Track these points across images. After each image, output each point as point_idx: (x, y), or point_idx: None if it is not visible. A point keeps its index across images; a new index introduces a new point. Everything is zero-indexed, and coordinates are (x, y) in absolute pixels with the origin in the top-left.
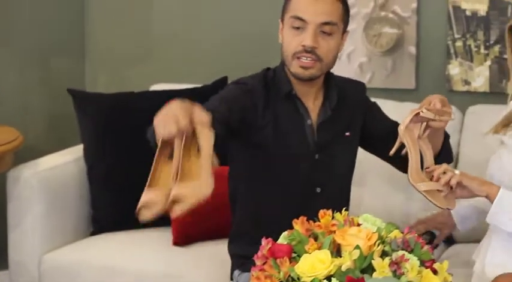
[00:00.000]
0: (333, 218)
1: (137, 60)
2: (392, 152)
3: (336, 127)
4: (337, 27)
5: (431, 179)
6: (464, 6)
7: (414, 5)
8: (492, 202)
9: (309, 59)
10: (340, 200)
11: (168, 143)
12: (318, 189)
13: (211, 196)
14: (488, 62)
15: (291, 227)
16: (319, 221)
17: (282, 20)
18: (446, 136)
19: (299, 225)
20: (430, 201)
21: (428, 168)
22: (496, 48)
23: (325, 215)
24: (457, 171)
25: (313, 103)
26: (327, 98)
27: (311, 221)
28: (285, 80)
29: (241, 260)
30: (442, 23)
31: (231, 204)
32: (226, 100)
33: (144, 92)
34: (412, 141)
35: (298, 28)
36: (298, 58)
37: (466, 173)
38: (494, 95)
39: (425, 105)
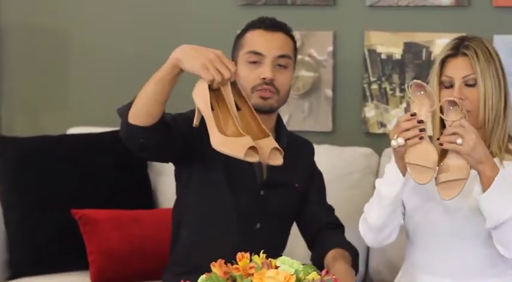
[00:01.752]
0: (250, 260)
1: (54, 104)
2: None
3: (284, 172)
4: (290, 60)
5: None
6: (379, 49)
7: (330, 48)
8: (489, 182)
9: (268, 90)
10: (278, 241)
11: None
12: (258, 225)
13: (130, 239)
14: (404, 105)
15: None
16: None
17: (234, 59)
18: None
19: (217, 268)
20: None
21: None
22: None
23: (242, 257)
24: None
25: None
26: (278, 140)
27: (229, 264)
28: None
29: None
30: (357, 66)
31: (173, 231)
32: (178, 121)
33: (61, 135)
34: None
35: (254, 62)
36: (258, 90)
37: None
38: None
39: None
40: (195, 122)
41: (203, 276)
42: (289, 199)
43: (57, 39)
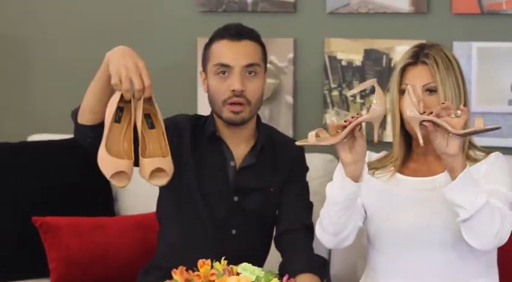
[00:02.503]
0: (212, 267)
1: (14, 110)
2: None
3: (260, 177)
4: (259, 67)
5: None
6: (340, 56)
7: (291, 55)
8: (456, 175)
9: (238, 104)
10: (256, 245)
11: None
12: (234, 231)
13: (91, 246)
14: (364, 111)
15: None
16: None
17: (204, 71)
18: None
19: (178, 275)
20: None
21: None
22: (372, 97)
23: (204, 264)
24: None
25: (240, 147)
26: (255, 146)
27: (190, 271)
28: (211, 122)
29: None
30: (318, 73)
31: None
32: None
33: (22, 142)
34: None
35: (223, 73)
36: (229, 104)
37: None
38: (371, 144)
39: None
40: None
41: None
42: (265, 203)
43: (17, 46)
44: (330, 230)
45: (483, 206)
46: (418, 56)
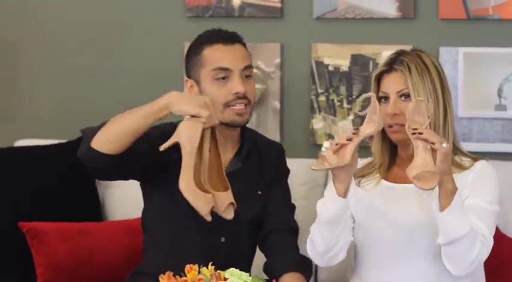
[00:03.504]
0: (199, 272)
1: (1, 115)
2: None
3: (247, 181)
4: (253, 69)
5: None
6: (327, 61)
7: (278, 60)
8: (448, 196)
9: (242, 105)
10: (245, 250)
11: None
12: (223, 239)
13: (78, 251)
14: (351, 117)
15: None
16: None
17: (192, 77)
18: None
19: (165, 280)
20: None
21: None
22: (359, 102)
23: (191, 269)
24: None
25: (225, 152)
26: (241, 150)
27: (177, 276)
28: None
29: None
30: (305, 78)
31: (143, 239)
32: (142, 138)
33: (8, 147)
34: None
35: (223, 78)
36: (231, 106)
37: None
38: (358, 149)
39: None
40: (162, 148)
41: None
42: (255, 208)
43: (4, 50)
44: (322, 247)
45: (463, 236)
46: (393, 63)
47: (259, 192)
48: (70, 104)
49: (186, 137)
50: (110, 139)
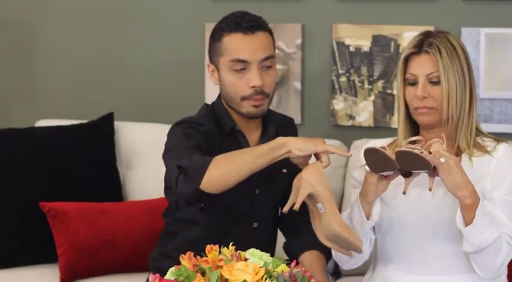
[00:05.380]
0: (220, 252)
1: (22, 96)
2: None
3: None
4: (274, 58)
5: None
6: (348, 42)
7: (299, 41)
8: (469, 211)
9: (259, 98)
10: (273, 234)
11: None
12: (255, 224)
13: (98, 232)
14: (372, 97)
15: None
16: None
17: (213, 63)
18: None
19: (186, 260)
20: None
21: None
22: (380, 83)
23: (211, 250)
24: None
25: (252, 136)
26: (265, 131)
27: (198, 256)
28: (227, 116)
29: None
30: (326, 59)
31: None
32: (193, 141)
33: (29, 128)
34: None
35: (240, 70)
36: (248, 99)
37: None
38: (379, 129)
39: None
40: (286, 209)
41: (172, 269)
42: (280, 189)
43: (25, 31)
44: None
45: (489, 245)
46: (422, 45)
47: (284, 171)
48: (90, 85)
49: (320, 184)
50: (224, 181)
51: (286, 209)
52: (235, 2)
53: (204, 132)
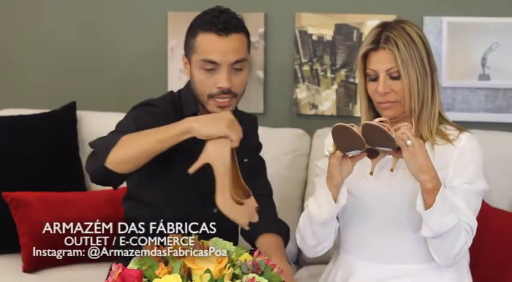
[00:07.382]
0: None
1: None
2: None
3: (237, 151)
4: (246, 61)
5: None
6: (310, 31)
7: (261, 29)
8: (429, 196)
9: (225, 99)
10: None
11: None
12: (215, 210)
13: (62, 221)
14: (335, 86)
15: None
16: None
17: (187, 56)
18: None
19: (149, 249)
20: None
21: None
22: (342, 72)
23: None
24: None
25: None
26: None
27: (161, 246)
28: (191, 101)
29: None
30: (289, 48)
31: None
32: (140, 124)
33: None
34: None
35: (210, 70)
36: (214, 98)
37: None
38: (341, 118)
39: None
40: (192, 171)
41: (135, 259)
42: (243, 176)
43: None
44: (313, 242)
45: (447, 231)
46: (379, 39)
47: (245, 160)
48: (55, 74)
49: (218, 158)
50: (124, 161)
51: (191, 170)
52: None
53: (158, 113)
